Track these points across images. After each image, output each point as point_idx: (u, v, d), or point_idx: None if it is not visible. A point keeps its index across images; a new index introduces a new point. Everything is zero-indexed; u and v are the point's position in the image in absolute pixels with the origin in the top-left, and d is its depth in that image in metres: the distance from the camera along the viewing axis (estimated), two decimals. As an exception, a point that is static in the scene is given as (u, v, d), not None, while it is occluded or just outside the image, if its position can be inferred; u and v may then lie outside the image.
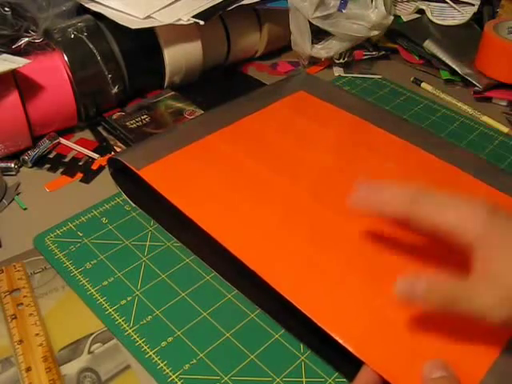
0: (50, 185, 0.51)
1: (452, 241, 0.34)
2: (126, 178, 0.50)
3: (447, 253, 0.36)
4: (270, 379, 0.36)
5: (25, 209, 0.49)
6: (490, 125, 0.62)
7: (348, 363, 0.35)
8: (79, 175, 0.53)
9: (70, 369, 0.36)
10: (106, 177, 0.52)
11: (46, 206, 0.49)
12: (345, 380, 0.36)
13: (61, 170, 0.53)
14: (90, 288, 0.41)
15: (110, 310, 0.40)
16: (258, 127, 0.54)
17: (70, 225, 0.47)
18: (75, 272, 0.43)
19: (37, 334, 0.38)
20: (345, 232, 0.43)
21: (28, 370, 0.36)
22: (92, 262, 0.43)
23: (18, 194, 0.50)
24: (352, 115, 0.57)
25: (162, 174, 0.47)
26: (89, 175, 0.53)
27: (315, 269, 0.40)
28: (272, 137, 0.53)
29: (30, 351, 0.37)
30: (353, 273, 0.40)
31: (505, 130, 0.61)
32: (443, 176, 0.49)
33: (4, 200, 0.49)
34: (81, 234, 0.46)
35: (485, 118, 0.63)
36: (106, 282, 0.42)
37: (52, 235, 0.46)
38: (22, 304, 0.40)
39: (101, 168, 0.53)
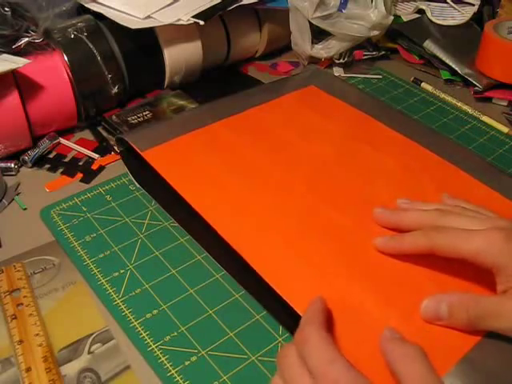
0: (50, 185, 0.51)
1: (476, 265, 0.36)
2: (133, 158, 0.50)
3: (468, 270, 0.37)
4: (245, 357, 0.37)
5: (25, 209, 0.49)
6: (489, 125, 0.62)
7: None
8: (79, 175, 0.53)
9: (70, 369, 0.36)
10: (105, 177, 0.52)
11: (46, 206, 0.49)
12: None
13: (61, 170, 0.53)
14: (87, 259, 0.44)
15: (103, 281, 0.42)
16: (264, 118, 0.55)
17: (76, 200, 0.49)
18: (75, 243, 0.45)
19: (37, 334, 0.38)
20: (334, 224, 0.43)
21: (28, 370, 0.36)
22: (92, 236, 0.46)
23: (17, 194, 0.50)
24: (360, 112, 0.57)
25: (164, 156, 0.49)
26: (89, 175, 0.53)
27: (296, 253, 0.41)
28: (277, 128, 0.53)
29: (30, 351, 0.37)
30: (340, 264, 0.40)
31: (505, 130, 0.61)
32: (443, 175, 0.49)
33: (4, 200, 0.49)
34: (85, 209, 0.48)
35: (485, 118, 0.63)
36: (102, 255, 0.44)
37: (58, 208, 0.48)
38: (21, 304, 0.40)
39: (101, 168, 0.53)
